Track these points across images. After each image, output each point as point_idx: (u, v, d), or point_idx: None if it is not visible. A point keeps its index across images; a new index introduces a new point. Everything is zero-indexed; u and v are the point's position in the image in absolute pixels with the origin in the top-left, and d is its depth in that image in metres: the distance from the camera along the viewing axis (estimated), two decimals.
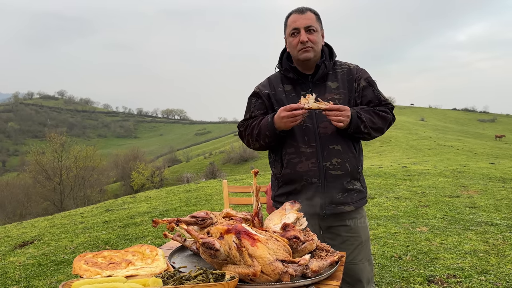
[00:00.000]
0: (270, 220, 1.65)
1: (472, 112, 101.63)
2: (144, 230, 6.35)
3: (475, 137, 46.47)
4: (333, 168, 1.98)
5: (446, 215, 5.97)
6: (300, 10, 2.03)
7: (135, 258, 1.49)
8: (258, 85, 2.20)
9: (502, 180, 9.40)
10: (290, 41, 2.05)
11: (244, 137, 2.16)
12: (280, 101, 2.07)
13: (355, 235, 2.06)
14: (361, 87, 2.09)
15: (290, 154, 2.03)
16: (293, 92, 2.08)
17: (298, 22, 2.00)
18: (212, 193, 9.69)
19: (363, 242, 2.09)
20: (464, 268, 3.82)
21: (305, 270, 1.32)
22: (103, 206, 9.87)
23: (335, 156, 1.99)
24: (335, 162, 1.99)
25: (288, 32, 2.06)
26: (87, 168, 38.08)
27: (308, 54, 2.01)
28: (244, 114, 2.22)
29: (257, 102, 2.15)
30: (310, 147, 1.98)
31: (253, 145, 2.13)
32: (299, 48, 2.01)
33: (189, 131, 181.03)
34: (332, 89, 2.06)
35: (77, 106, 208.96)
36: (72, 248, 5.60)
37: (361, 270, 2.07)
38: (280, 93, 2.09)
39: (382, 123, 2.08)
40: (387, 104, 2.14)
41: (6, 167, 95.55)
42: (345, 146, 2.02)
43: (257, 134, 2.05)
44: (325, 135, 1.99)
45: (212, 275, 1.23)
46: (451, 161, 16.74)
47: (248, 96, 2.22)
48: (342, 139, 2.02)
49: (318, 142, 1.99)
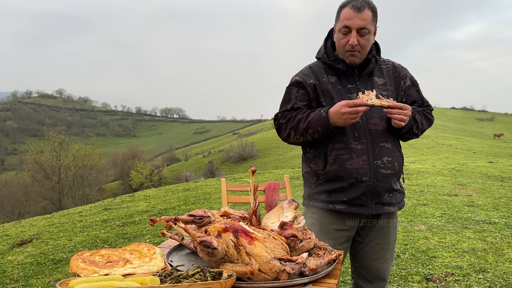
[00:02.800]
0: (268, 218, 1.65)
1: (470, 111, 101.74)
2: (142, 229, 6.34)
3: (474, 135, 46.53)
4: (384, 167, 1.90)
5: (445, 214, 5.98)
6: (357, 7, 1.83)
7: (132, 257, 1.49)
8: (299, 74, 2.02)
9: (500, 179, 9.42)
10: (339, 38, 1.91)
11: (285, 130, 1.97)
12: (327, 93, 1.94)
13: (384, 235, 2.03)
14: (407, 86, 2.06)
15: (338, 150, 1.90)
16: (339, 84, 1.96)
17: (352, 21, 1.84)
18: (211, 192, 9.69)
19: (392, 243, 2.07)
20: (462, 266, 3.83)
21: (303, 269, 1.31)
22: (102, 205, 9.87)
23: (385, 154, 1.91)
24: (385, 161, 1.91)
25: (338, 26, 1.90)
26: (85, 167, 38.03)
27: (354, 58, 1.91)
28: (281, 104, 2.05)
29: (299, 92, 1.98)
30: (361, 144, 1.88)
31: (295, 139, 1.97)
32: (346, 49, 1.89)
33: (188, 130, 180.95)
34: (379, 85, 1.98)
35: (75, 104, 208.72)
36: (71, 247, 5.60)
37: (385, 269, 2.06)
38: (326, 84, 1.95)
39: (427, 125, 2.06)
40: (429, 105, 2.12)
41: (5, 166, 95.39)
42: (394, 145, 1.97)
43: (305, 129, 1.89)
44: (375, 131, 1.91)
45: (209, 273, 1.23)
46: (450, 159, 16.76)
47: (288, 85, 2.05)
48: (391, 137, 1.96)
49: (369, 139, 1.89)
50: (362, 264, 2.08)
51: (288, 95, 2.02)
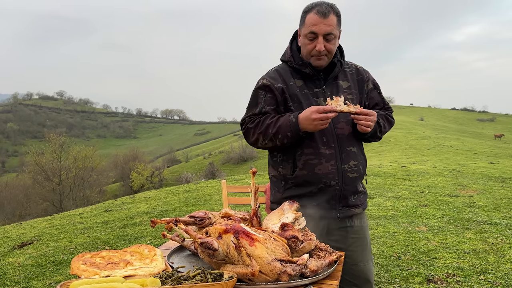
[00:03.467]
0: (269, 219, 1.65)
1: (471, 112, 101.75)
2: (143, 230, 6.34)
3: (474, 136, 46.51)
4: (351, 171, 1.94)
5: (445, 215, 5.97)
6: (323, 12, 1.82)
7: (133, 258, 1.49)
8: (266, 77, 2.00)
9: (501, 180, 9.41)
10: (305, 43, 1.90)
11: (254, 134, 1.95)
12: (294, 97, 1.93)
13: (361, 236, 2.05)
14: (369, 89, 2.08)
15: (307, 155, 1.90)
16: (305, 88, 1.95)
17: (318, 27, 1.83)
18: (212, 193, 9.69)
19: (368, 242, 2.09)
20: (463, 267, 3.82)
21: (304, 270, 1.31)
22: (103, 207, 9.86)
23: (352, 158, 1.95)
24: (352, 165, 1.94)
25: (304, 32, 1.89)
26: (86, 168, 38.05)
27: (321, 62, 1.92)
28: (248, 108, 2.01)
29: (266, 96, 1.95)
30: (330, 149, 1.90)
31: (263, 144, 1.95)
32: (313, 54, 1.89)
33: (189, 131, 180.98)
34: (344, 88, 1.99)
35: (76, 106, 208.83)
36: (71, 249, 5.60)
37: (369, 270, 2.07)
38: (293, 88, 1.94)
39: (389, 128, 2.10)
40: (389, 107, 2.14)
41: (6, 168, 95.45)
42: (358, 148, 2.01)
43: (274, 134, 1.87)
44: (342, 136, 1.93)
45: (210, 275, 1.23)
46: (450, 160, 16.74)
47: (254, 88, 2.02)
48: (356, 141, 1.99)
49: (336, 144, 1.92)
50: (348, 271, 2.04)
51: (255, 99, 1.99)
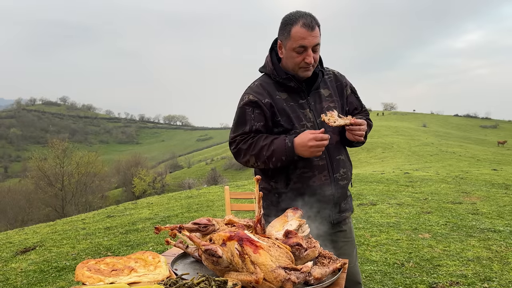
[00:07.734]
0: (273, 227, 1.65)
1: (474, 118, 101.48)
2: (145, 236, 6.34)
3: (477, 143, 46.35)
4: (341, 179, 1.98)
5: (449, 222, 5.94)
6: (310, 26, 1.81)
7: (137, 265, 1.50)
8: (252, 93, 1.94)
9: (504, 187, 9.37)
10: (293, 56, 1.87)
11: (245, 155, 1.92)
12: (283, 112, 1.91)
13: (350, 239, 2.10)
14: (348, 94, 2.11)
15: (301, 169, 1.90)
16: (291, 101, 1.94)
17: (307, 40, 1.82)
18: (214, 199, 9.68)
19: (355, 244, 2.15)
20: (467, 275, 3.80)
21: (308, 278, 1.31)
22: (105, 212, 9.87)
23: (341, 166, 1.98)
24: (342, 172, 1.98)
25: (292, 45, 1.85)
26: (89, 174, 38.15)
27: (308, 73, 1.92)
28: (236, 126, 1.96)
29: (254, 112, 1.91)
30: (321, 160, 1.92)
31: (254, 165, 1.93)
32: (301, 65, 1.88)
33: (191, 137, 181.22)
34: (325, 96, 2.01)
35: (79, 112, 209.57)
36: (74, 255, 5.59)
37: (357, 272, 2.12)
38: (280, 102, 1.92)
39: (369, 131, 2.13)
40: (366, 110, 2.19)
41: (8, 173, 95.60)
42: (345, 155, 2.06)
43: (268, 157, 1.85)
44: (331, 146, 1.94)
45: (214, 282, 1.23)
46: (454, 167, 16.69)
47: (241, 105, 1.95)
48: (343, 148, 2.04)
49: (327, 154, 1.93)
50: None
51: (243, 116, 1.93)
